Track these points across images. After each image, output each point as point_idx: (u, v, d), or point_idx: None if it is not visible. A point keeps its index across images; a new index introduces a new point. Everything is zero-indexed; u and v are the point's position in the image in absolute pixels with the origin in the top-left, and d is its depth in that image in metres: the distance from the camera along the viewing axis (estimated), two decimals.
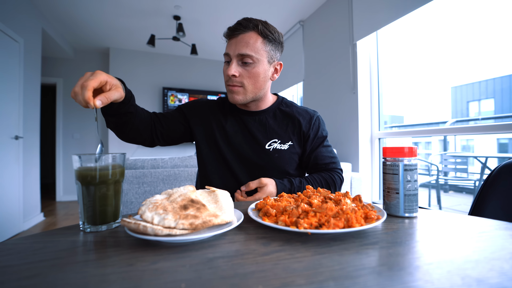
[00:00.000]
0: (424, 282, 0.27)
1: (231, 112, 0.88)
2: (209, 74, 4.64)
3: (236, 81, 0.77)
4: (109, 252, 0.36)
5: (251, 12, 2.98)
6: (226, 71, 0.77)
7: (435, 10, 1.93)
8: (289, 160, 0.85)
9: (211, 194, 0.51)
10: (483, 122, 2.66)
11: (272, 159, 0.83)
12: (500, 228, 0.45)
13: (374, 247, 0.37)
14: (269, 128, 0.85)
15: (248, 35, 0.75)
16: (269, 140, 0.84)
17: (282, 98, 0.93)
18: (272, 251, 0.36)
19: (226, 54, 0.78)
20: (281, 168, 0.84)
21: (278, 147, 0.84)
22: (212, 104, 0.91)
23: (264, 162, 0.83)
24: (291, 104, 0.92)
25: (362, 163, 2.31)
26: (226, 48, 0.79)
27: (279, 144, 0.84)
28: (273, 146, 0.84)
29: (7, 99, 2.36)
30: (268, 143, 0.84)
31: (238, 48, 0.75)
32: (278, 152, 0.83)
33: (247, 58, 0.75)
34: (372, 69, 2.36)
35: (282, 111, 0.89)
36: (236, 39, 0.76)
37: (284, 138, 0.85)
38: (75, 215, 3.24)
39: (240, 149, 0.84)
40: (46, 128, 4.95)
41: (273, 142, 0.84)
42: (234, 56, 0.76)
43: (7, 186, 2.37)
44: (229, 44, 0.78)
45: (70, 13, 3.00)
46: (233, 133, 0.85)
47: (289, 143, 0.85)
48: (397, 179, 0.53)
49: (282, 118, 0.87)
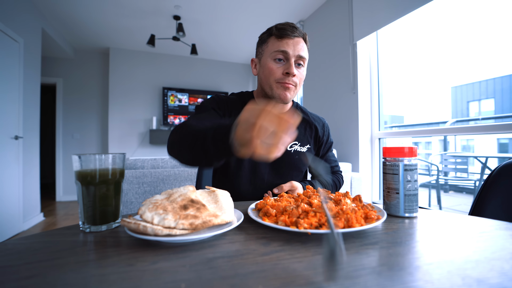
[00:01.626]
0: (424, 282, 0.27)
1: None
2: (209, 74, 4.64)
3: (293, 80, 0.79)
4: (109, 252, 0.36)
5: (251, 12, 2.98)
6: (282, 67, 0.78)
7: (435, 10, 1.93)
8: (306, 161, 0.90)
9: (211, 194, 0.51)
10: (483, 122, 2.66)
11: (293, 160, 0.87)
12: (500, 228, 0.45)
13: (374, 247, 0.37)
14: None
15: (301, 41, 0.80)
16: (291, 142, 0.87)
17: (297, 103, 0.98)
18: (272, 251, 0.36)
19: (282, 52, 0.77)
20: (299, 168, 0.89)
21: (298, 149, 0.88)
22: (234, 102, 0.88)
23: (285, 163, 0.86)
24: (305, 110, 0.98)
25: (362, 163, 2.31)
26: (280, 45, 0.78)
27: (299, 146, 0.88)
28: (294, 148, 0.87)
29: (7, 99, 2.36)
30: (289, 145, 0.87)
31: (297, 49, 0.77)
32: (298, 154, 0.88)
33: (302, 60, 0.79)
34: (372, 69, 2.36)
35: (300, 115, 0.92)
36: (293, 40, 0.78)
37: (303, 141, 0.90)
38: (75, 215, 3.24)
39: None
40: (46, 128, 4.95)
41: (294, 144, 0.88)
42: (294, 56, 0.77)
43: (7, 186, 2.37)
44: (285, 43, 0.77)
45: (70, 13, 3.00)
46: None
47: (307, 146, 0.90)
48: (397, 179, 0.53)
49: (300, 123, 0.90)
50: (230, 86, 4.75)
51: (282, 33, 0.78)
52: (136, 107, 4.18)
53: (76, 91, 4.11)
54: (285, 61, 0.78)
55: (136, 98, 4.18)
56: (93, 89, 4.20)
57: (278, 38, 0.79)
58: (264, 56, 0.81)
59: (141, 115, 4.20)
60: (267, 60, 0.80)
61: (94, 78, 4.20)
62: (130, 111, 4.14)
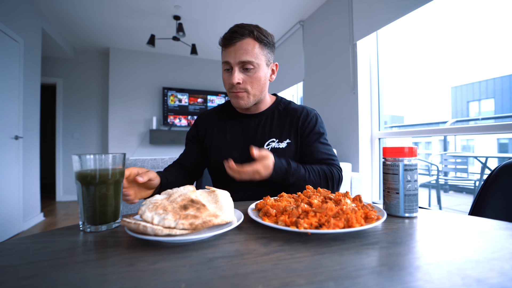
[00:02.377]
0: (424, 282, 0.27)
1: (232, 117, 0.92)
2: (209, 74, 4.64)
3: (240, 87, 0.79)
4: (109, 252, 0.36)
5: (251, 12, 2.98)
6: (228, 79, 0.79)
7: (435, 10, 1.93)
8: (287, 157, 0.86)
9: (211, 194, 0.51)
10: (483, 122, 2.66)
11: None
12: (500, 228, 0.45)
13: (374, 247, 0.37)
14: (267, 129, 0.88)
15: (246, 42, 0.77)
16: (267, 140, 0.87)
17: (281, 99, 0.95)
18: (272, 251, 0.36)
19: (226, 62, 0.79)
20: None
21: (276, 146, 0.86)
22: (211, 114, 0.95)
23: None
24: (289, 102, 0.94)
25: (362, 163, 2.31)
26: (224, 56, 0.80)
27: (277, 143, 0.86)
28: (271, 145, 0.86)
29: (7, 99, 2.36)
30: (266, 143, 0.86)
31: (238, 55, 0.76)
32: (275, 151, 0.85)
33: (248, 64, 0.78)
34: (372, 69, 2.36)
35: (279, 110, 0.92)
36: (234, 47, 0.77)
37: (281, 137, 0.87)
38: (75, 215, 3.24)
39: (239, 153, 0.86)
40: (46, 128, 4.95)
41: (271, 141, 0.86)
42: (235, 64, 0.77)
43: (7, 186, 2.37)
44: (227, 53, 0.78)
45: (70, 13, 3.00)
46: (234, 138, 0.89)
47: (287, 141, 0.87)
48: (397, 179, 0.53)
49: (278, 118, 0.90)
50: None
51: (224, 42, 0.79)
52: (136, 107, 4.18)
53: (76, 91, 4.11)
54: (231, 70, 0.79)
55: (136, 98, 4.18)
56: (93, 89, 4.20)
57: (223, 47, 0.80)
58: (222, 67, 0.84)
59: (141, 115, 4.20)
60: (222, 72, 0.83)
61: (94, 78, 4.20)
62: (130, 111, 4.14)
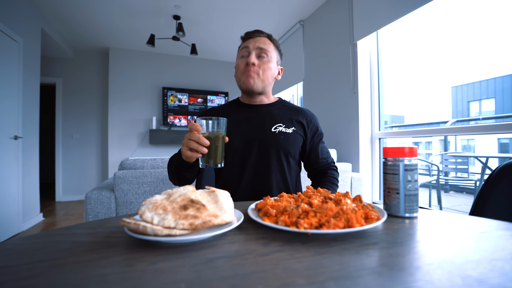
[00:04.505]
0: (425, 282, 0.27)
1: (238, 107, 0.99)
2: (209, 74, 4.64)
3: (254, 69, 0.89)
4: (109, 252, 0.36)
5: (251, 12, 2.98)
6: (245, 60, 0.90)
7: (435, 10, 1.93)
8: (293, 142, 0.91)
9: (211, 194, 0.51)
10: (483, 122, 2.66)
11: (278, 140, 0.90)
12: (501, 228, 0.45)
13: (374, 247, 0.37)
14: (274, 116, 0.94)
15: (264, 39, 0.92)
16: (275, 125, 0.92)
17: (283, 100, 1.02)
18: (272, 251, 0.36)
19: (245, 48, 0.91)
20: (286, 149, 0.90)
21: (283, 130, 0.91)
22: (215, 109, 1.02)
23: (270, 144, 0.89)
24: (291, 103, 1.02)
25: (362, 163, 2.31)
26: (244, 44, 0.92)
27: (284, 128, 0.92)
28: (278, 129, 0.91)
29: (6, 99, 2.36)
30: (273, 127, 0.91)
31: (257, 43, 0.90)
32: (283, 134, 0.91)
33: (264, 52, 0.90)
34: (372, 69, 2.36)
35: (284, 105, 0.99)
36: (254, 39, 0.91)
37: (288, 124, 0.93)
38: (74, 215, 3.24)
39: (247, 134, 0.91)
40: (46, 128, 4.95)
41: (278, 126, 0.92)
42: (254, 49, 0.89)
43: (7, 186, 2.37)
44: (248, 42, 0.91)
45: (70, 13, 3.00)
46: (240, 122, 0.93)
47: (293, 128, 0.93)
48: (398, 179, 0.53)
49: (284, 111, 0.96)
50: (230, 86, 4.75)
51: (247, 35, 0.93)
52: (136, 107, 4.18)
53: (76, 91, 4.10)
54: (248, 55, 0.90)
55: (136, 98, 4.18)
56: (93, 89, 4.20)
57: (244, 39, 0.94)
58: (237, 58, 0.95)
59: (141, 115, 4.20)
60: (237, 60, 0.94)
61: (94, 78, 4.20)
62: (130, 111, 4.14)
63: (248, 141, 0.90)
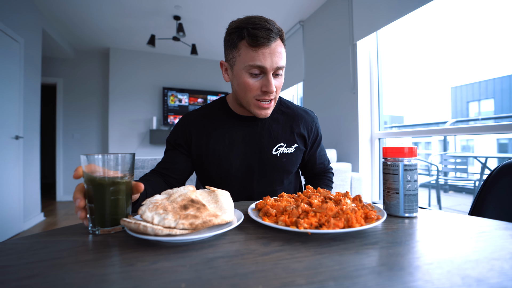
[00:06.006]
0: (424, 282, 0.27)
1: (230, 120, 0.82)
2: (209, 74, 4.64)
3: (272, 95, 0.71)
4: (109, 252, 0.36)
5: (251, 12, 2.98)
6: (259, 82, 0.69)
7: (435, 10, 1.94)
8: (295, 161, 0.84)
9: (211, 194, 0.51)
10: (483, 122, 2.66)
11: (280, 164, 0.81)
12: (500, 228, 0.45)
13: (374, 247, 0.37)
14: (273, 133, 0.82)
15: (278, 43, 0.68)
16: (275, 145, 0.81)
17: (280, 98, 0.89)
18: (272, 251, 0.36)
19: (259, 67, 0.67)
20: (288, 170, 0.84)
21: (285, 151, 0.81)
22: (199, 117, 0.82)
23: (272, 168, 0.81)
24: (291, 104, 0.89)
25: (362, 163, 2.31)
26: (255, 58, 0.66)
27: (285, 148, 0.81)
28: (279, 150, 0.81)
29: (7, 99, 2.36)
30: (274, 148, 0.81)
31: (275, 60, 0.67)
32: (285, 156, 0.81)
33: (280, 70, 0.70)
34: (372, 69, 2.36)
35: (283, 112, 0.85)
36: (269, 48, 0.66)
37: (289, 141, 0.82)
38: (75, 215, 3.24)
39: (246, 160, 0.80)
40: (46, 128, 4.95)
41: (280, 146, 0.81)
42: (272, 69, 0.67)
43: (7, 186, 2.37)
44: (262, 55, 0.66)
45: (70, 13, 3.00)
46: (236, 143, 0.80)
47: (295, 145, 0.83)
48: (397, 179, 0.53)
49: (284, 121, 0.84)
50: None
51: (256, 42, 0.65)
52: (136, 107, 4.18)
53: (76, 91, 4.11)
54: (262, 75, 0.69)
55: (136, 98, 4.18)
56: (93, 89, 4.20)
57: (252, 46, 0.66)
58: (237, 66, 0.70)
59: (141, 115, 4.20)
60: (241, 73, 0.69)
61: (94, 78, 4.20)
62: (130, 111, 4.14)
63: (248, 167, 0.80)
